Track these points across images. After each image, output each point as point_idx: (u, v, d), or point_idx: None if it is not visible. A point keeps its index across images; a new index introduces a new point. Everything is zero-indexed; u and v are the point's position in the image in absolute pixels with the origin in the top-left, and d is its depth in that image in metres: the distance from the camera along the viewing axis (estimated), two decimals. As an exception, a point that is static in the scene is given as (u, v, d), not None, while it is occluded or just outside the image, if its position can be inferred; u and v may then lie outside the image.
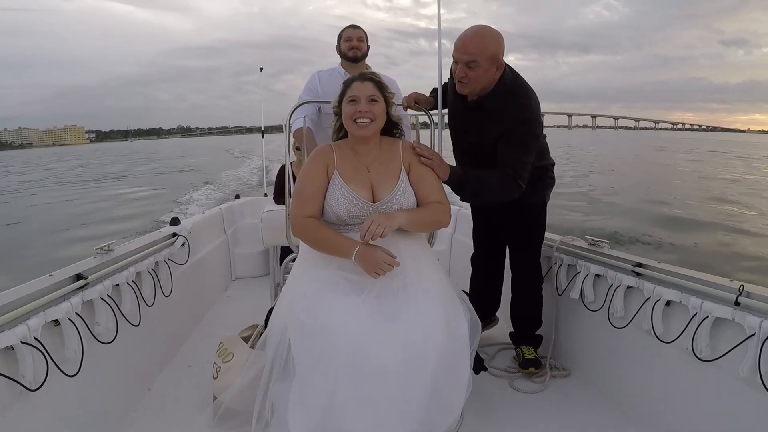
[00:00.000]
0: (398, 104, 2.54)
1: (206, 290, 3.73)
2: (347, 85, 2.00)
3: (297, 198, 1.95)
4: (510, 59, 2.26)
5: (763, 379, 1.60)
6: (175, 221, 3.32)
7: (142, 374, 2.46)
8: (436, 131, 2.55)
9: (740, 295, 1.74)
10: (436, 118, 2.59)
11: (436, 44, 2.60)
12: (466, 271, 3.02)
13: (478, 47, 2.20)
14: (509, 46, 2.27)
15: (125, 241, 2.62)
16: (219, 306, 3.80)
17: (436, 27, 2.60)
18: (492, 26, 2.28)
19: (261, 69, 6.82)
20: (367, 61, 3.13)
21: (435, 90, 2.61)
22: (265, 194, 5.83)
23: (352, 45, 3.02)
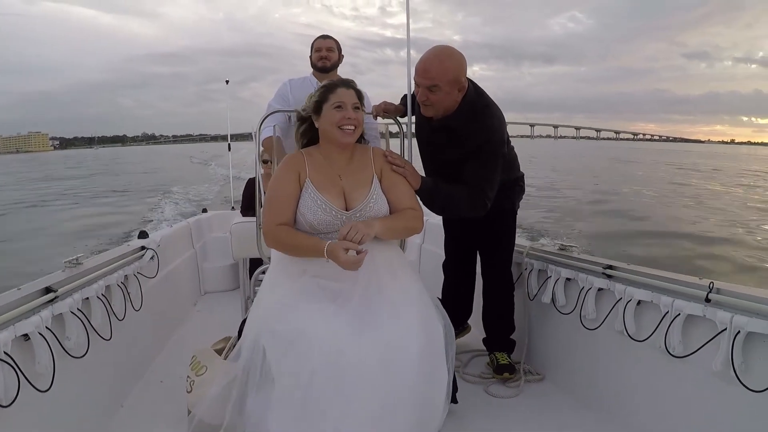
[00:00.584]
0: (368, 113, 2.54)
1: (176, 304, 3.66)
2: (330, 90, 1.98)
3: (268, 206, 1.93)
4: (475, 69, 2.38)
5: (736, 371, 1.65)
6: (143, 235, 3.25)
7: (115, 389, 2.39)
8: (406, 140, 2.56)
9: (710, 291, 1.78)
10: (405, 127, 2.60)
11: (402, 53, 2.64)
12: (437, 280, 3.02)
13: (438, 71, 2.20)
14: (475, 55, 2.43)
15: (94, 255, 2.56)
16: (189, 320, 3.73)
17: (404, 36, 2.61)
18: (453, 46, 2.31)
19: (227, 82, 6.71)
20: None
21: (405, 97, 2.61)
22: (233, 207, 5.77)
23: (321, 55, 3.04)
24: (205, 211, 5.43)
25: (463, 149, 2.32)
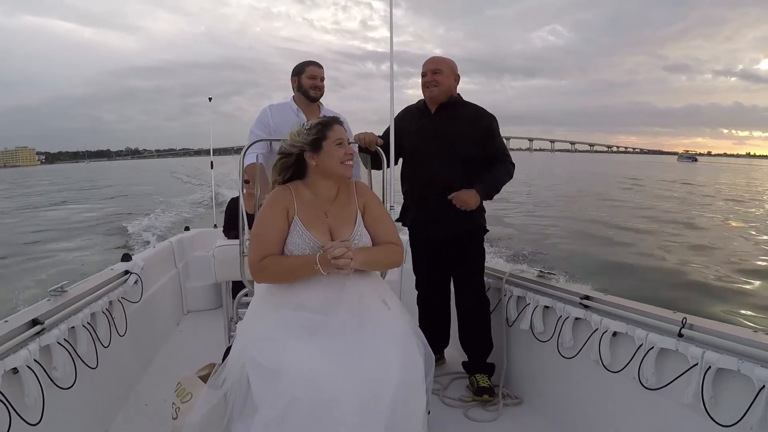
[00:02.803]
0: (351, 142, 2.59)
1: (159, 325, 3.64)
2: (327, 127, 2.00)
3: (255, 242, 1.93)
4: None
5: (706, 406, 1.75)
6: (126, 257, 3.23)
7: (100, 415, 2.39)
8: (388, 170, 2.63)
9: (683, 327, 1.88)
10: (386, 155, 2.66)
11: (383, 67, 2.76)
12: (414, 306, 3.10)
13: (440, 60, 2.85)
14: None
15: (78, 282, 2.56)
16: (172, 341, 3.72)
17: (385, 50, 2.81)
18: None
19: (210, 99, 6.67)
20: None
21: (386, 131, 2.76)
22: (215, 226, 5.75)
23: (317, 84, 2.95)
24: (187, 229, 5.42)
25: (475, 125, 2.80)
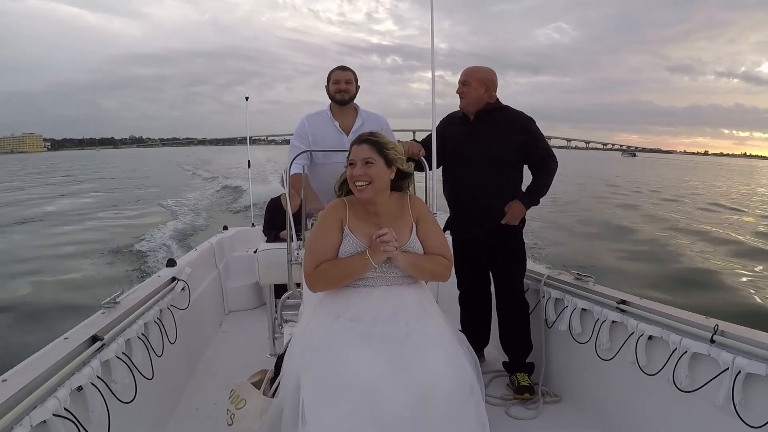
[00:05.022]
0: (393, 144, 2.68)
1: (204, 328, 3.75)
2: (351, 147, 2.11)
3: (310, 254, 2.01)
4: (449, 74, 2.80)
5: (737, 408, 1.86)
6: (171, 263, 3.31)
7: (158, 425, 2.49)
8: (430, 172, 2.76)
9: (715, 333, 1.99)
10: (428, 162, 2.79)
11: (388, 60, 2.86)
12: (455, 310, 3.25)
13: (469, 72, 3.01)
14: (461, 64, 2.85)
15: (128, 292, 2.61)
16: (217, 343, 3.84)
17: (390, 42, 3.25)
18: (441, 54, 2.64)
19: (246, 98, 6.52)
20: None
21: (426, 138, 2.92)
22: (253, 224, 5.88)
23: (340, 88, 3.02)
24: (225, 228, 5.46)
25: (514, 129, 2.93)
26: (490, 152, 2.91)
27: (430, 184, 2.79)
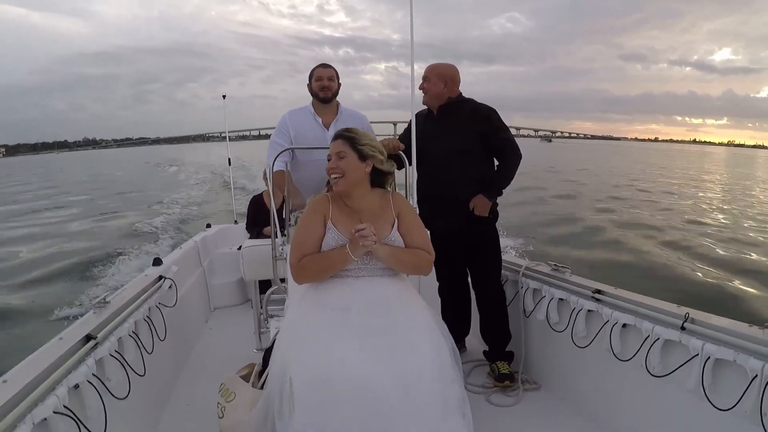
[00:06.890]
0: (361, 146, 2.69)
1: (190, 324, 3.79)
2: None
3: (295, 248, 2.06)
4: (415, 69, 2.84)
5: (706, 392, 1.96)
6: (157, 262, 3.35)
7: (150, 421, 2.54)
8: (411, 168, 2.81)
9: (686, 321, 2.08)
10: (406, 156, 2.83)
11: (340, 52, 2.90)
12: (435, 301, 3.31)
13: (429, 68, 3.09)
14: (414, 55, 2.77)
15: (117, 292, 2.66)
16: (203, 339, 3.87)
17: (342, 35, 3.27)
18: (394, 45, 2.76)
19: (224, 96, 6.57)
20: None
21: (403, 133, 3.00)
22: (235, 221, 5.89)
23: (323, 85, 3.05)
24: (209, 226, 5.52)
25: (477, 121, 2.98)
26: (451, 144, 2.97)
27: (409, 180, 2.83)
